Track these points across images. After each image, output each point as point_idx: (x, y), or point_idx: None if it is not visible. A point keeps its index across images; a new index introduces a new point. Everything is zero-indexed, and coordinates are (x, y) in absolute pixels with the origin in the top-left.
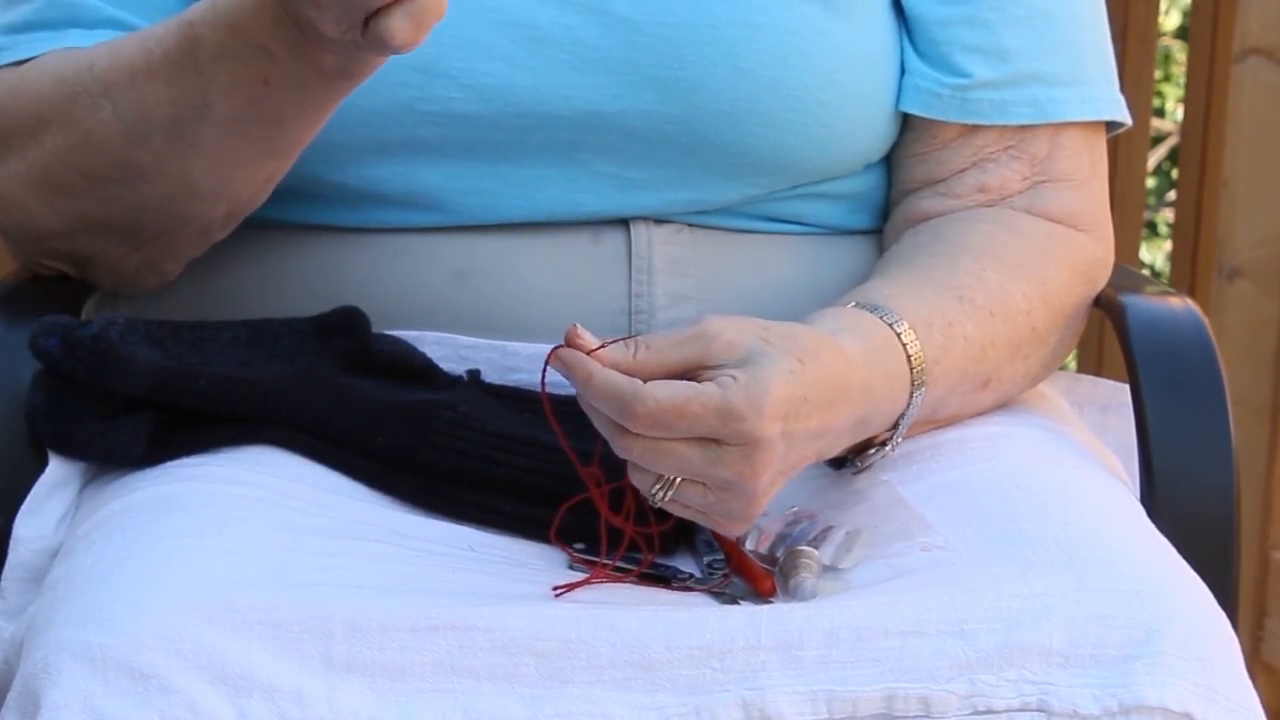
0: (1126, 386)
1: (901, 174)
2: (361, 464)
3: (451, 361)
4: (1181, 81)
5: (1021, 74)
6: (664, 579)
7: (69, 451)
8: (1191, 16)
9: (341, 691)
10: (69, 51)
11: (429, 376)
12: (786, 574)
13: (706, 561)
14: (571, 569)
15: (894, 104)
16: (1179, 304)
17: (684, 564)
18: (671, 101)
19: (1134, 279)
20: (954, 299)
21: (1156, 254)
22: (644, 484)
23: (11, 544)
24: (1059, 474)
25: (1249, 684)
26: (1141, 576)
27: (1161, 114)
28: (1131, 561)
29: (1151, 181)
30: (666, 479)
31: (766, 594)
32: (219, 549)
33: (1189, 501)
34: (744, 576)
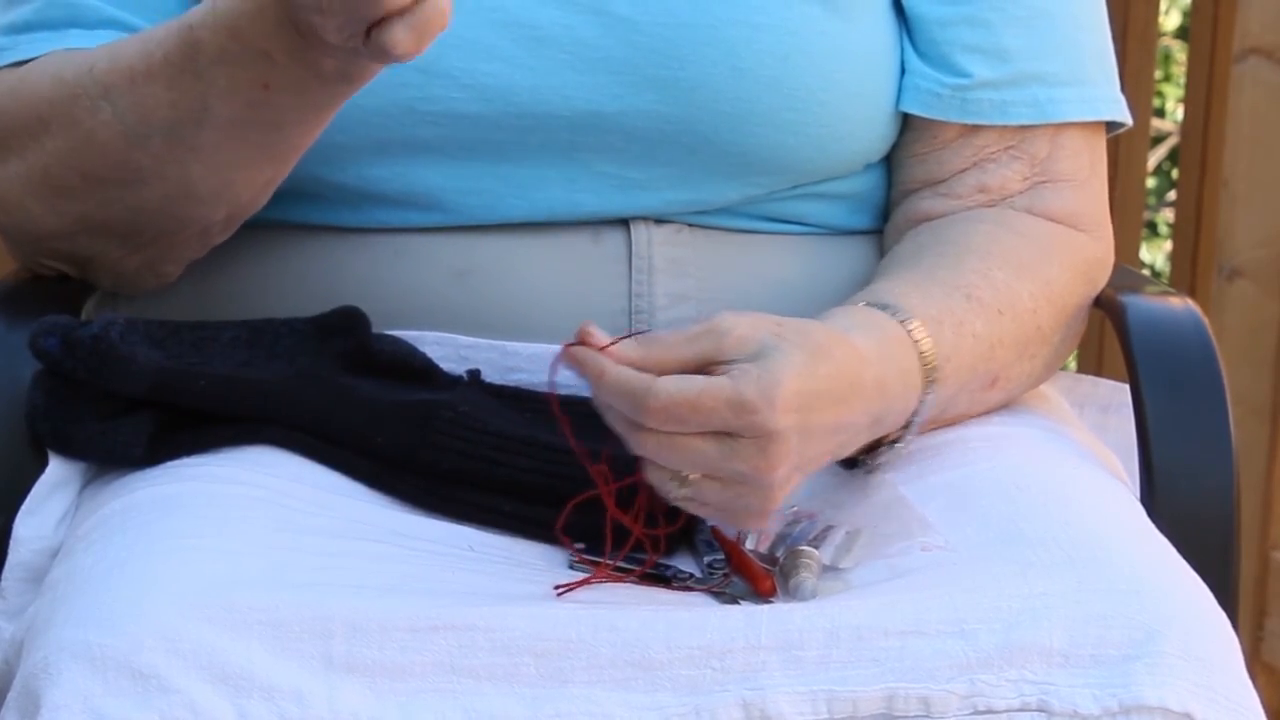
0: (1126, 386)
1: (902, 174)
2: (361, 464)
3: (451, 361)
4: (1181, 81)
5: (1022, 74)
6: (664, 579)
7: (69, 451)
8: (1191, 16)
9: (341, 691)
10: (69, 53)
11: (429, 376)
12: (786, 574)
13: (706, 561)
14: (572, 568)
15: (894, 104)
16: (1179, 304)
17: (684, 564)
18: (672, 101)
19: (1134, 279)
20: (962, 297)
21: (1156, 254)
22: (660, 481)
23: (11, 544)
24: (1059, 474)
25: (1249, 684)
26: (1141, 576)
27: (1161, 114)
28: (1132, 561)
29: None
30: (683, 476)
31: (766, 594)
32: (219, 549)
33: (1189, 501)
34: (744, 576)
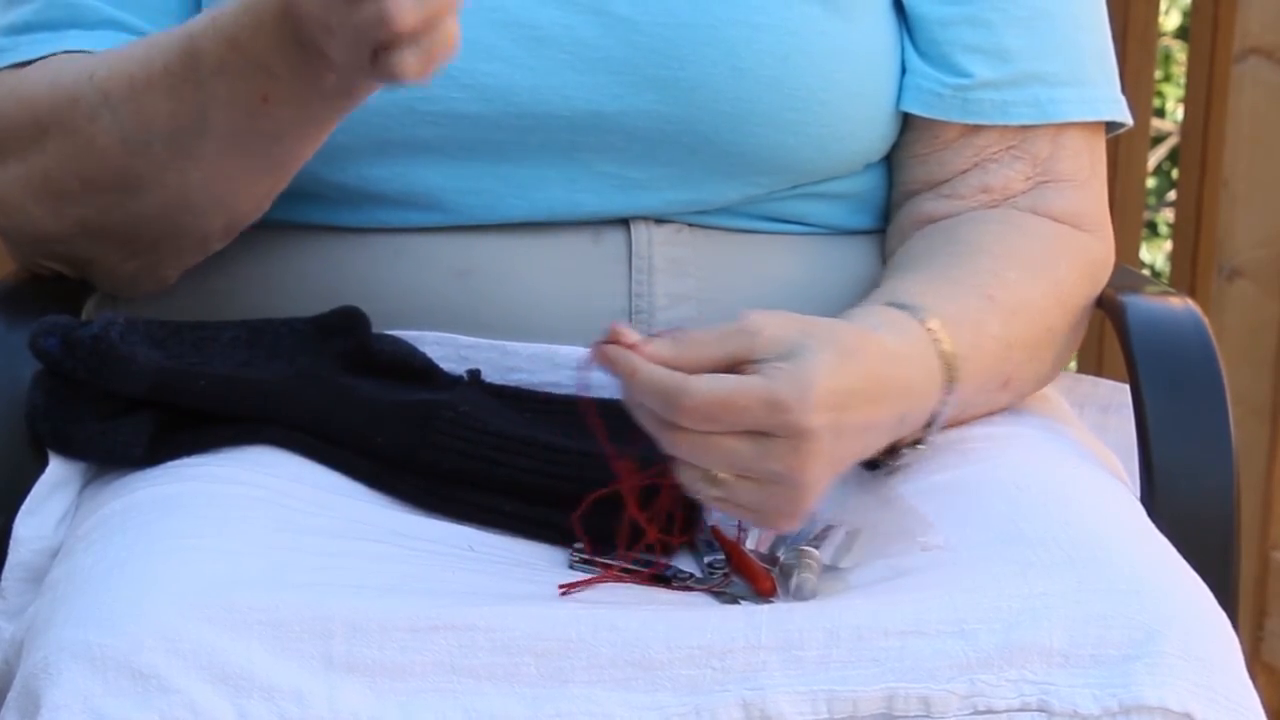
0: (1126, 386)
1: (903, 175)
2: (361, 464)
3: (451, 361)
4: (1181, 81)
5: (1023, 74)
6: (664, 579)
7: (69, 451)
8: (1191, 16)
9: (342, 691)
10: (69, 58)
11: (429, 376)
12: (786, 573)
13: (707, 561)
14: (572, 568)
15: (894, 104)
16: (1179, 304)
17: (684, 564)
18: (672, 101)
19: (1134, 279)
20: (978, 297)
21: (1156, 254)
22: (692, 480)
23: (11, 544)
24: (1059, 474)
25: (1249, 684)
26: (1142, 576)
27: (1161, 114)
28: (1132, 561)
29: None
30: (715, 476)
31: (767, 593)
32: (219, 549)
33: (1189, 501)
34: (744, 576)
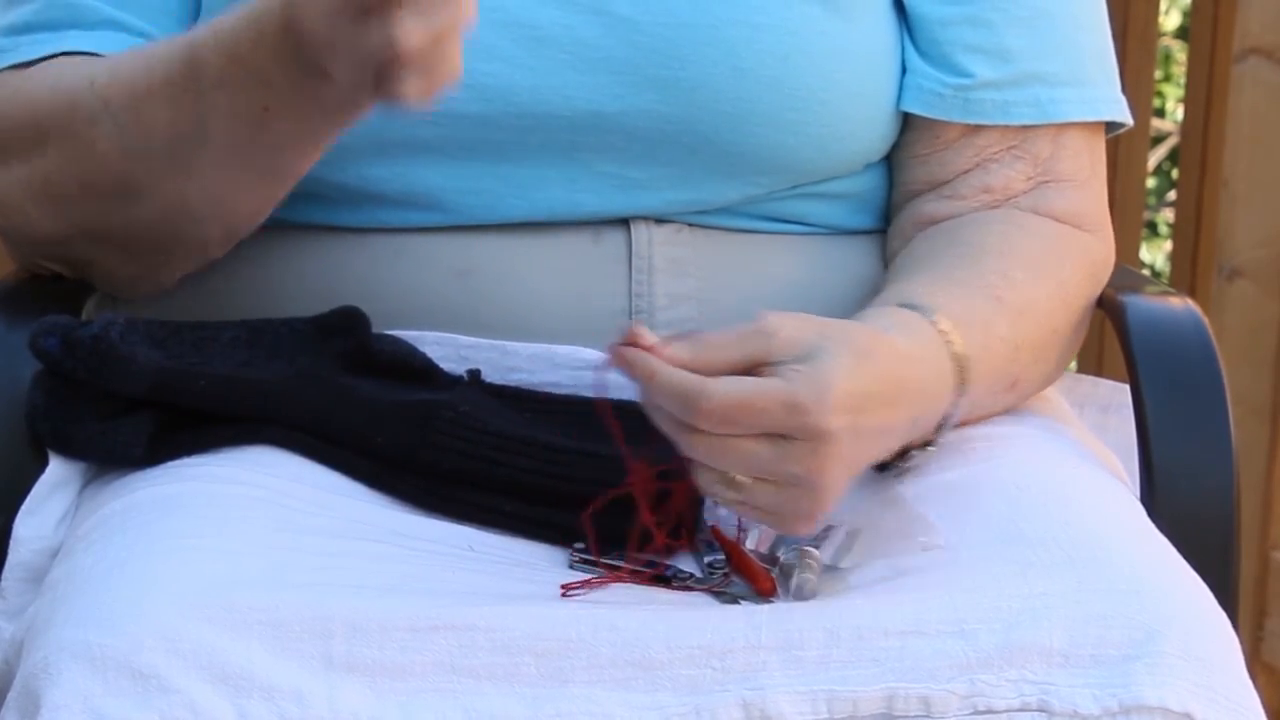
0: (1126, 386)
1: (904, 176)
2: (361, 464)
3: (451, 361)
4: (1181, 81)
5: (1023, 74)
6: (664, 578)
7: (69, 451)
8: (1191, 16)
9: (342, 691)
10: (71, 61)
11: (429, 376)
12: (786, 573)
13: (707, 561)
14: (572, 568)
15: (895, 104)
16: (1179, 304)
17: (684, 564)
18: (672, 101)
19: (1134, 279)
20: (986, 299)
21: (1156, 254)
22: (710, 484)
23: (11, 544)
24: (1059, 474)
25: (1249, 684)
26: (1142, 576)
27: (1161, 114)
28: (1132, 561)
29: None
30: (733, 479)
31: (767, 593)
32: (219, 549)
33: (1189, 501)
34: (744, 576)
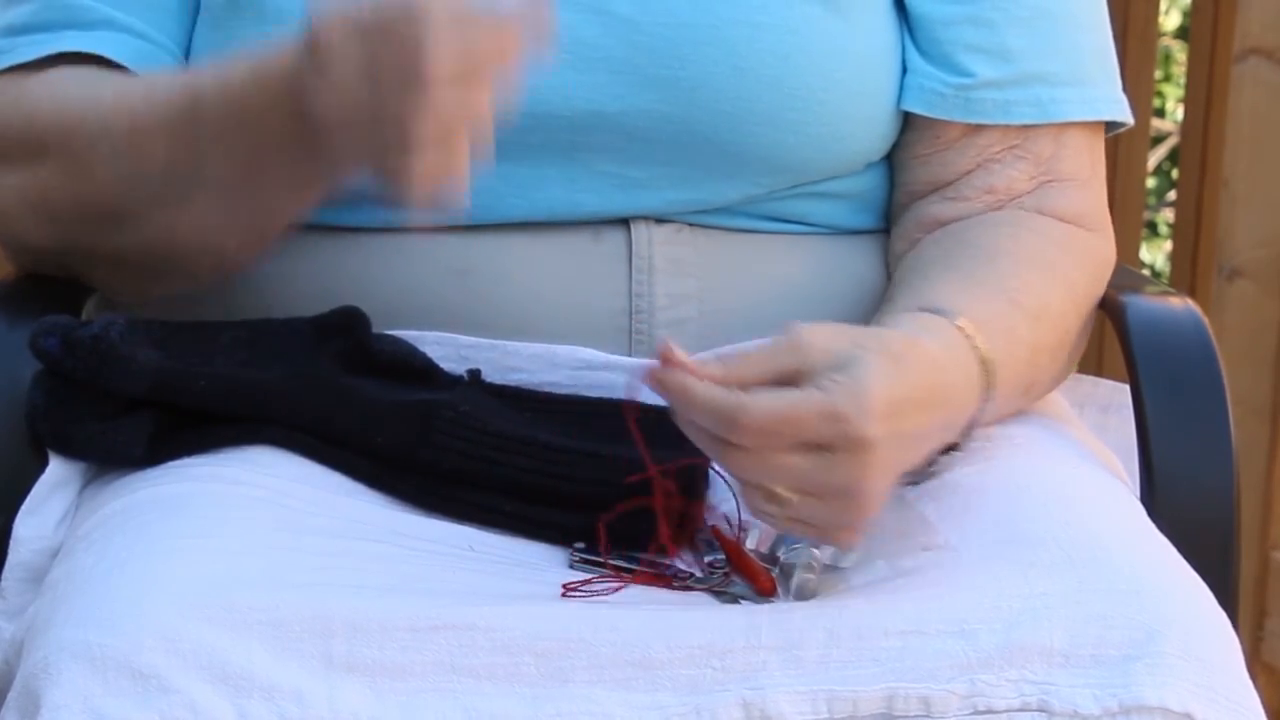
0: (1126, 386)
1: (906, 177)
2: (361, 464)
3: (451, 361)
4: (1181, 81)
5: (1025, 74)
6: (665, 578)
7: (69, 451)
8: (1191, 16)
9: (342, 691)
10: (76, 77)
11: (429, 376)
12: (787, 573)
13: (707, 561)
14: (572, 568)
15: (895, 103)
16: (1179, 304)
17: (684, 563)
18: (672, 101)
19: (1134, 279)
20: (1005, 302)
21: (1156, 254)
22: (756, 503)
23: (11, 544)
24: (1059, 474)
25: (1249, 684)
26: (1142, 577)
27: (1161, 114)
28: (1132, 562)
29: (1151, 181)
30: (779, 496)
31: (767, 593)
32: (219, 549)
33: (1189, 502)
34: (744, 576)
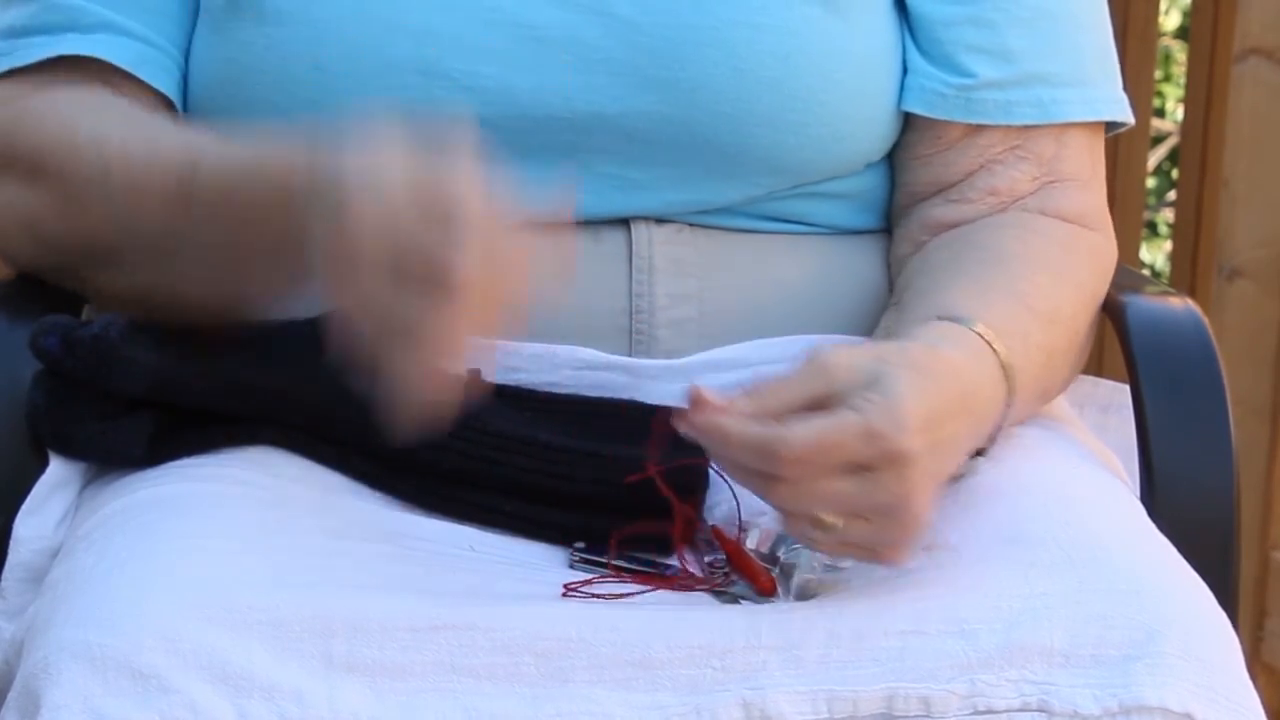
0: (1126, 386)
1: (907, 178)
2: (361, 464)
3: None
4: (1181, 81)
5: (1026, 75)
6: (665, 578)
7: (69, 452)
8: (1191, 16)
9: (342, 691)
10: (85, 106)
11: None
12: (787, 573)
13: (707, 561)
14: (572, 568)
15: (895, 104)
16: (1179, 304)
17: (685, 563)
18: (672, 102)
19: (1134, 279)
20: (1019, 307)
21: (1156, 254)
22: (802, 531)
23: (12, 544)
24: (1060, 474)
25: (1249, 684)
26: (1142, 577)
27: (1161, 114)
28: (1132, 562)
29: (1151, 181)
30: (824, 520)
31: (767, 593)
32: (219, 549)
33: (1189, 502)
34: (744, 576)
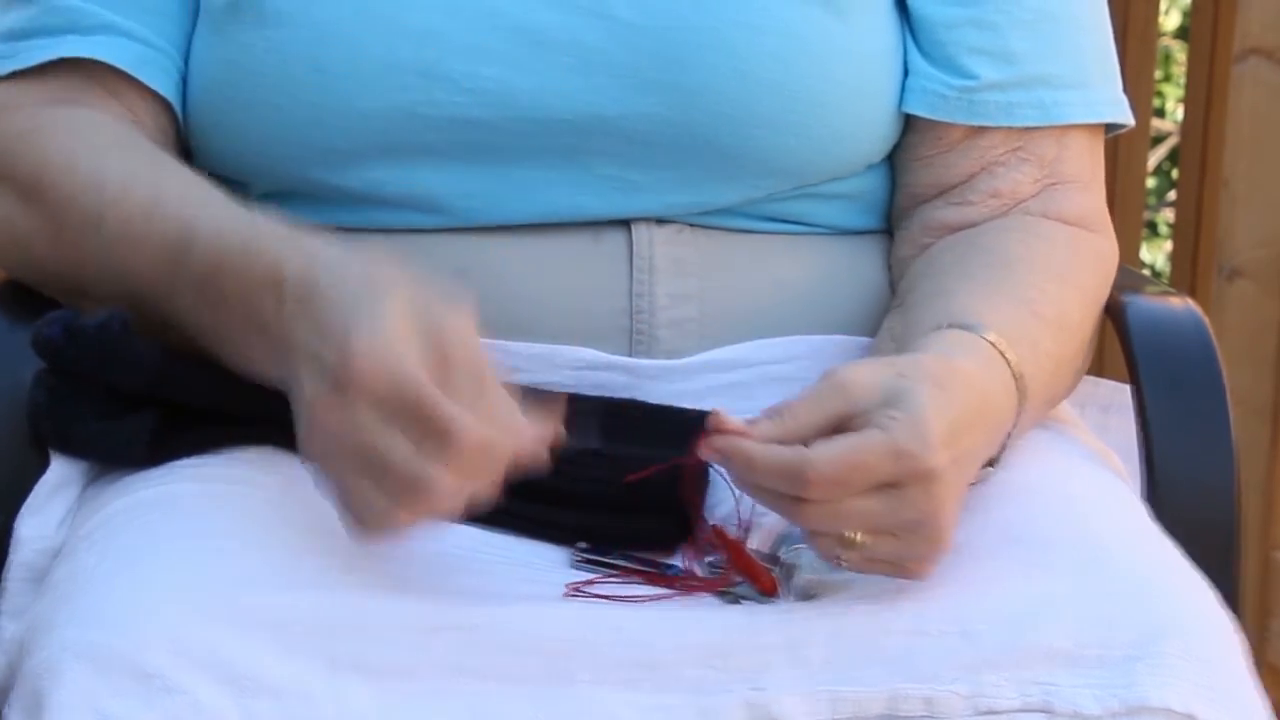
0: (1127, 387)
1: (909, 179)
2: None
3: None
4: (1181, 81)
5: (1027, 76)
6: (668, 578)
7: (71, 451)
8: (1191, 16)
9: (347, 692)
10: (90, 143)
11: None
12: (789, 573)
13: (709, 561)
14: (575, 568)
15: (896, 105)
16: (1179, 304)
17: (687, 564)
18: (673, 104)
19: (1134, 279)
20: (1029, 314)
21: (1156, 254)
22: (829, 550)
23: (13, 544)
24: (1062, 474)
25: (1253, 685)
26: (1145, 577)
27: (1161, 114)
28: (1135, 562)
29: (1151, 181)
30: (849, 539)
31: (769, 593)
32: (223, 549)
33: (1190, 502)
34: (747, 576)
